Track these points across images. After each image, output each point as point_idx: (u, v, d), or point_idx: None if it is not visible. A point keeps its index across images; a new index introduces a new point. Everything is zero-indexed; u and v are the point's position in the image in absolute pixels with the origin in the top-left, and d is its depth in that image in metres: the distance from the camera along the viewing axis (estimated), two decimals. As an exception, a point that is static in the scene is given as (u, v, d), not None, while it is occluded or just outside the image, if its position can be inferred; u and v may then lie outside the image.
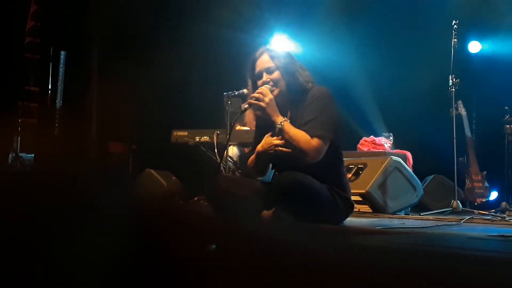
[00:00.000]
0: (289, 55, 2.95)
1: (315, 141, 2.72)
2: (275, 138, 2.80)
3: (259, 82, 2.90)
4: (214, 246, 1.01)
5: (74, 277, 0.91)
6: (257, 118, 3.02)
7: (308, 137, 2.72)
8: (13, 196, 1.08)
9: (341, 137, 2.97)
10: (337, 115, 2.87)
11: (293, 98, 2.89)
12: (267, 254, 1.08)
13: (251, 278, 0.97)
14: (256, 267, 1.00)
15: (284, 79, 2.87)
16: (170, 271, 0.97)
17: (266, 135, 2.84)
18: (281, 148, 2.77)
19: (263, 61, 2.92)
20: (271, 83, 2.86)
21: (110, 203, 1.08)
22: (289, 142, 2.75)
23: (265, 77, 2.88)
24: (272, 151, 2.80)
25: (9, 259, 0.92)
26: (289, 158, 2.78)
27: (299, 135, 2.73)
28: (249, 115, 5.79)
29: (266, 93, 2.80)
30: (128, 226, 1.01)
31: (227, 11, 6.73)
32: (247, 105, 2.86)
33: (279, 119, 2.78)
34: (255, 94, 2.82)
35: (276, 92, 2.85)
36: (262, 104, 2.78)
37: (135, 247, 0.99)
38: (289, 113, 2.90)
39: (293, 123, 2.80)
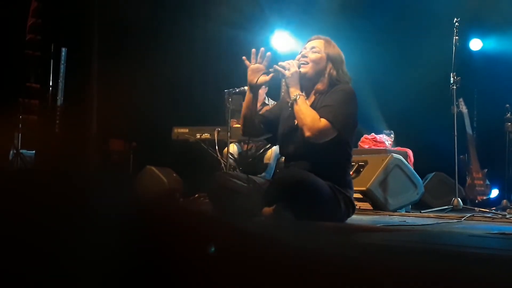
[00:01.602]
0: (340, 55, 2.98)
1: (322, 122, 2.72)
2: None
3: (298, 56, 2.95)
4: (213, 249, 1.01)
5: (74, 276, 0.91)
6: (285, 95, 3.04)
7: (317, 116, 2.73)
8: (14, 193, 1.07)
9: (353, 137, 2.98)
10: (354, 114, 2.87)
11: (320, 88, 2.91)
12: (267, 252, 1.08)
13: (251, 277, 0.97)
14: (255, 265, 1.00)
15: (321, 65, 2.91)
16: (170, 271, 0.97)
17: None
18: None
19: (315, 41, 2.97)
20: (306, 60, 2.90)
21: (111, 200, 1.08)
22: (298, 114, 2.78)
23: (306, 52, 2.92)
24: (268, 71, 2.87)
25: (8, 258, 0.92)
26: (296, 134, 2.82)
27: (309, 112, 2.75)
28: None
29: (293, 65, 2.85)
30: (129, 224, 1.01)
31: (227, 9, 6.72)
32: (272, 69, 2.89)
33: (296, 92, 2.81)
34: (283, 63, 2.86)
35: (304, 69, 2.89)
36: (286, 72, 2.83)
37: (135, 245, 0.98)
38: (312, 98, 2.92)
39: (312, 107, 2.83)
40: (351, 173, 4.57)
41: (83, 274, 0.91)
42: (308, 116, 2.74)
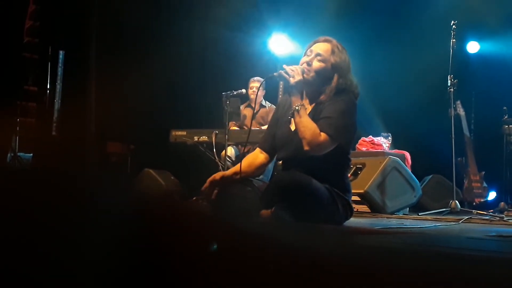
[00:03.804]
0: (347, 63, 2.93)
1: (322, 137, 2.71)
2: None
3: (302, 59, 2.91)
4: (215, 247, 1.01)
5: (73, 276, 0.91)
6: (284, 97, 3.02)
7: (317, 130, 2.72)
8: (12, 195, 1.07)
9: (351, 144, 2.98)
10: (353, 124, 2.86)
11: (323, 99, 2.87)
12: (267, 252, 1.08)
13: (251, 277, 0.97)
14: (255, 265, 1.00)
15: (325, 75, 2.87)
16: (170, 271, 0.97)
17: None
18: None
19: (323, 46, 2.92)
20: (309, 68, 2.87)
21: (109, 203, 1.08)
22: (298, 126, 2.76)
23: (311, 59, 2.88)
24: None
25: (8, 258, 0.92)
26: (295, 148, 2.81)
27: (310, 125, 2.73)
28: (248, 116, 5.79)
29: (297, 73, 2.81)
30: (127, 226, 1.01)
31: (225, 11, 6.73)
32: (276, 73, 2.87)
33: (298, 102, 2.79)
34: (288, 69, 2.82)
35: (306, 76, 2.85)
36: (291, 79, 2.80)
37: (135, 245, 0.98)
38: (312, 106, 2.91)
39: (311, 116, 2.81)
40: (348, 175, 4.58)
41: (83, 274, 0.91)
42: (308, 130, 2.72)
